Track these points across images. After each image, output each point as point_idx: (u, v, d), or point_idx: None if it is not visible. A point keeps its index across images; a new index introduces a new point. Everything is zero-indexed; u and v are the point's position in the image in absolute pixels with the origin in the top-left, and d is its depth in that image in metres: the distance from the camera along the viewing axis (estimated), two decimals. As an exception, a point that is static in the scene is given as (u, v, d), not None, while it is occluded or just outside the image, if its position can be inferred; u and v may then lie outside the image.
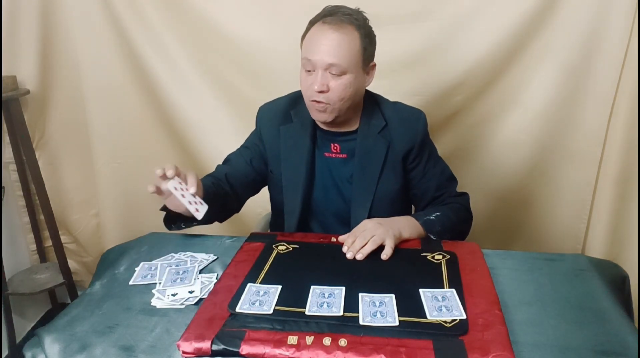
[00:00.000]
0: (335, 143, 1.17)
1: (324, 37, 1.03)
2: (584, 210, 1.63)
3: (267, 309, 0.83)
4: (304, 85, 1.08)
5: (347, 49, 1.03)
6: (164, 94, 1.71)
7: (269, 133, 1.22)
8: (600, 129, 1.52)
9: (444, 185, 1.21)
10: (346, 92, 1.06)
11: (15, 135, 1.67)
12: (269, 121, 1.22)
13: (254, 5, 1.57)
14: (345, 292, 0.86)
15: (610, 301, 0.88)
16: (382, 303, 0.83)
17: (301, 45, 1.11)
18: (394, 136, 1.15)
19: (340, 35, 1.02)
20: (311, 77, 1.05)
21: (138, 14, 1.62)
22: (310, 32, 1.07)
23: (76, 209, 1.93)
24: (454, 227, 1.15)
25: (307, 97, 1.08)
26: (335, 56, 1.02)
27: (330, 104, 1.06)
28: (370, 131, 1.15)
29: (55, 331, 0.83)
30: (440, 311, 0.81)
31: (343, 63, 1.03)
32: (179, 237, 1.18)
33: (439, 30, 1.51)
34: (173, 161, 1.80)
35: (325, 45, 1.02)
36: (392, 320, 0.79)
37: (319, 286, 0.88)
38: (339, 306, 0.83)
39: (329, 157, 1.18)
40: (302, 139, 1.18)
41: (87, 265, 2.02)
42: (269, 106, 1.25)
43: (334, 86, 1.04)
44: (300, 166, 1.17)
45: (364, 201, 1.16)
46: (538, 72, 1.52)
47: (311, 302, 0.84)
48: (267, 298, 0.86)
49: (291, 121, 1.19)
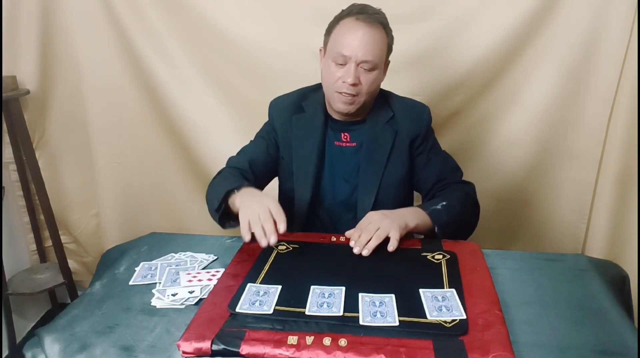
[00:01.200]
0: (346, 132, 1.22)
1: (359, 33, 1.07)
2: (584, 210, 1.63)
3: (267, 309, 0.83)
4: (333, 77, 1.11)
5: (379, 47, 1.10)
6: (164, 94, 1.71)
7: (282, 122, 1.26)
8: (600, 129, 1.52)
9: (447, 172, 1.23)
10: (374, 87, 1.13)
11: (15, 135, 1.67)
12: (281, 111, 1.27)
13: (254, 6, 1.57)
14: (345, 292, 0.86)
15: (610, 301, 0.88)
16: (382, 303, 0.83)
17: (327, 40, 1.15)
18: (400, 125, 1.20)
19: (374, 33, 1.08)
20: (342, 70, 1.10)
21: (138, 14, 1.61)
22: (342, 27, 1.11)
23: (76, 209, 1.93)
24: (461, 217, 1.16)
25: (335, 88, 1.12)
26: (370, 52, 1.08)
27: (358, 96, 1.12)
28: (379, 120, 1.20)
29: (55, 331, 0.83)
30: (440, 312, 0.81)
31: (376, 59, 1.09)
32: (179, 237, 1.18)
33: (439, 30, 1.51)
34: (173, 161, 1.83)
35: (361, 40, 1.07)
36: (392, 320, 0.79)
37: (319, 286, 0.88)
38: (339, 307, 0.83)
39: (339, 146, 1.23)
40: (313, 128, 1.22)
41: (87, 265, 2.02)
42: (280, 99, 1.29)
43: (364, 80, 1.10)
44: (312, 154, 1.21)
45: (371, 187, 1.20)
46: (538, 72, 1.52)
47: (311, 302, 0.84)
48: (267, 298, 0.86)
49: (303, 111, 1.24)
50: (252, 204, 1.00)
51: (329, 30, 1.15)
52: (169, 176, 1.86)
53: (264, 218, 0.96)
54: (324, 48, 1.17)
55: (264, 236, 0.95)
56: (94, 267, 1.22)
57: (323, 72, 1.16)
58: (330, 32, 1.14)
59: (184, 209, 1.90)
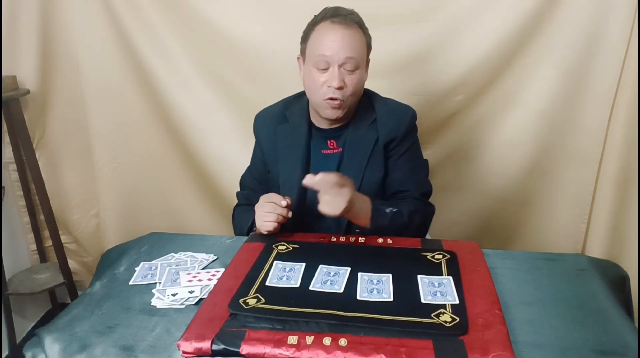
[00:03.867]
0: (332, 139, 1.19)
1: (337, 34, 1.06)
2: (584, 210, 1.63)
3: (294, 283, 0.90)
4: (317, 84, 1.09)
5: (359, 45, 1.09)
6: (164, 94, 1.71)
7: (267, 135, 1.24)
8: (600, 129, 1.52)
9: (410, 184, 1.18)
10: (358, 87, 1.11)
11: (15, 135, 1.67)
12: (265, 125, 1.25)
13: (254, 6, 1.57)
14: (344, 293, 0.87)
15: (610, 301, 0.88)
16: (379, 282, 0.84)
17: (304, 47, 1.12)
18: (381, 127, 1.17)
19: (352, 33, 1.07)
20: (326, 74, 1.08)
21: (138, 14, 1.61)
22: (319, 32, 1.09)
23: (76, 210, 1.93)
24: (402, 232, 1.11)
25: (320, 96, 1.09)
26: (351, 49, 1.06)
27: (345, 100, 1.09)
28: (362, 123, 1.18)
29: (55, 331, 0.83)
30: (434, 296, 0.84)
31: (358, 57, 1.08)
32: (179, 237, 1.18)
33: (439, 30, 1.51)
34: (173, 161, 1.83)
35: (340, 41, 1.06)
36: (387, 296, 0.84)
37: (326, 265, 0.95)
38: (341, 285, 0.89)
39: (326, 154, 1.20)
40: (298, 138, 1.20)
41: (87, 265, 2.02)
42: (263, 112, 1.29)
43: (348, 81, 1.08)
44: (297, 165, 1.19)
45: None
46: (538, 72, 1.52)
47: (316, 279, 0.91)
48: (293, 274, 0.92)
49: (287, 121, 1.22)
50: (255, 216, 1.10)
51: (305, 37, 1.13)
52: (169, 176, 1.86)
53: (267, 198, 1.08)
54: (302, 56, 1.15)
55: (277, 206, 1.06)
56: (94, 267, 1.22)
57: (305, 81, 1.13)
58: (306, 38, 1.12)
59: (184, 209, 1.90)
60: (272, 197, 1.08)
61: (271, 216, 1.06)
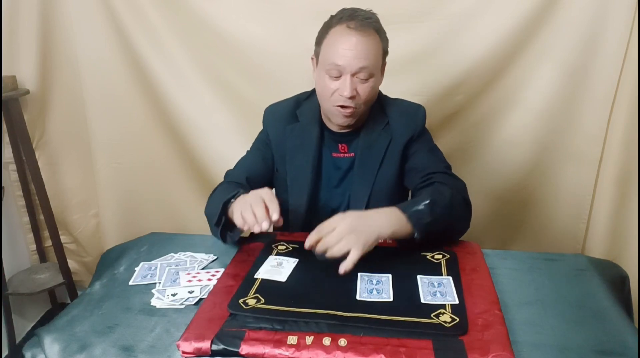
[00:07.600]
0: (343, 143, 1.18)
1: (352, 42, 1.02)
2: (584, 210, 1.63)
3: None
4: (328, 91, 1.06)
5: (374, 53, 1.04)
6: (164, 94, 1.71)
7: (276, 132, 1.22)
8: (600, 129, 1.53)
9: (434, 162, 1.15)
10: (372, 95, 1.09)
11: (15, 135, 1.67)
12: (275, 121, 1.23)
13: (254, 7, 1.57)
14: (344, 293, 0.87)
15: (610, 301, 0.88)
16: (379, 282, 0.84)
17: (318, 50, 1.10)
18: (394, 131, 1.16)
19: (367, 40, 1.03)
20: (337, 82, 1.05)
21: (138, 14, 1.61)
22: (333, 37, 1.05)
23: (76, 210, 1.93)
24: (450, 215, 1.01)
25: (332, 102, 1.07)
26: (365, 59, 1.02)
27: (357, 108, 1.07)
28: (375, 128, 1.16)
29: (55, 331, 0.83)
30: (434, 296, 0.84)
31: (372, 67, 1.04)
32: (179, 237, 1.18)
33: (439, 30, 1.51)
34: (173, 162, 1.83)
35: (355, 50, 1.02)
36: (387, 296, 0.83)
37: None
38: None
39: (337, 157, 1.19)
40: (308, 140, 1.18)
41: (87, 265, 2.02)
42: (274, 107, 1.25)
43: (361, 90, 1.05)
44: (307, 166, 1.18)
45: (362, 194, 1.16)
46: (538, 72, 1.52)
47: None
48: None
49: (297, 121, 1.20)
50: (245, 198, 0.95)
51: (319, 39, 1.09)
52: (168, 176, 1.86)
53: (255, 204, 0.90)
54: (316, 58, 1.12)
55: (255, 222, 0.88)
56: (94, 267, 1.22)
57: (317, 85, 1.11)
58: (320, 41, 1.08)
59: (184, 209, 1.90)
60: (271, 203, 0.92)
61: (249, 211, 0.91)
